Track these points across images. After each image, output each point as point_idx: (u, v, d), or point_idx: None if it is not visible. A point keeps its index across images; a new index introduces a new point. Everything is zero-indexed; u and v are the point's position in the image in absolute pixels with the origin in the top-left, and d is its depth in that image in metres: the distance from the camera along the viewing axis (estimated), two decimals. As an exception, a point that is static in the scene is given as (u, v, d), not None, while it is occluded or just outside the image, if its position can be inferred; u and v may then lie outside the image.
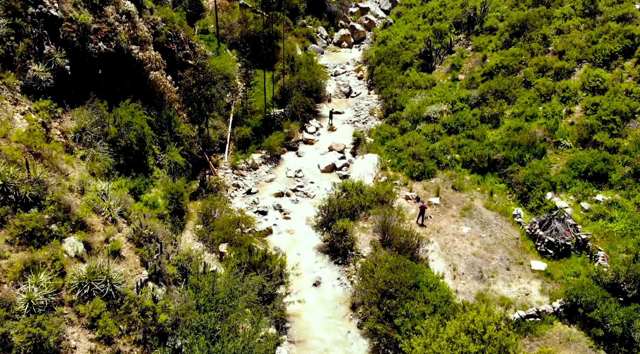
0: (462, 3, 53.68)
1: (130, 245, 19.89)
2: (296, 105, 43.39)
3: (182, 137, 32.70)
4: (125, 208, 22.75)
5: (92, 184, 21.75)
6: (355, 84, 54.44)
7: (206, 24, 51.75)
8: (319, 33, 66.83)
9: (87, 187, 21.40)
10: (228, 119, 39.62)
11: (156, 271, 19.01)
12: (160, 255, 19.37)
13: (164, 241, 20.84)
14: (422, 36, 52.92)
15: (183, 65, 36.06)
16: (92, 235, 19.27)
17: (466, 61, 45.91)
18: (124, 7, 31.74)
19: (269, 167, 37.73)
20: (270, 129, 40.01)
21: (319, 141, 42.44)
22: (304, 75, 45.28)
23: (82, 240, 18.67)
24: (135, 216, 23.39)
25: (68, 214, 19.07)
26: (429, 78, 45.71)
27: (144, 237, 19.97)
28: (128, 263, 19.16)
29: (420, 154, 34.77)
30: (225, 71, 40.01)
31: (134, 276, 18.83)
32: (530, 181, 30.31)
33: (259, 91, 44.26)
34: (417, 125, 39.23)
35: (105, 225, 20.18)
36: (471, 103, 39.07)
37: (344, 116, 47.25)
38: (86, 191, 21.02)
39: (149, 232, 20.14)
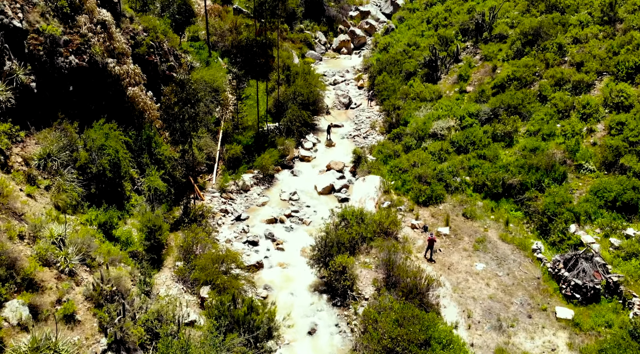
0: (469, 8, 50.58)
1: (89, 305, 16.74)
2: (292, 119, 40.25)
3: (163, 160, 29.54)
4: (88, 253, 19.61)
5: (47, 228, 18.58)
6: (355, 94, 51.31)
7: (197, 31, 48.64)
8: (317, 38, 63.74)
9: (41, 232, 18.23)
10: (217, 135, 36.46)
11: (117, 339, 15.85)
12: (123, 318, 16.22)
13: (130, 297, 17.67)
14: (427, 43, 49.79)
15: (167, 79, 32.92)
16: (42, 295, 16.11)
17: (474, 71, 42.78)
18: (99, 17, 28.62)
19: (261, 189, 34.57)
20: (263, 146, 36.86)
21: (316, 158, 39.29)
22: (300, 86, 42.15)
23: (27, 303, 15.53)
24: (100, 260, 20.25)
25: (12, 271, 15.91)
26: (434, 89, 42.56)
27: (104, 295, 16.82)
28: (84, 329, 15.99)
29: (427, 176, 31.64)
30: (215, 83, 36.96)
31: (90, 346, 15.68)
32: (550, 210, 27.17)
33: (251, 103, 41.12)
34: (422, 142, 36.09)
35: (59, 280, 17.03)
36: (481, 119, 35.93)
37: (344, 130, 44.11)
38: (38, 239, 17.86)
39: (110, 289, 16.98)
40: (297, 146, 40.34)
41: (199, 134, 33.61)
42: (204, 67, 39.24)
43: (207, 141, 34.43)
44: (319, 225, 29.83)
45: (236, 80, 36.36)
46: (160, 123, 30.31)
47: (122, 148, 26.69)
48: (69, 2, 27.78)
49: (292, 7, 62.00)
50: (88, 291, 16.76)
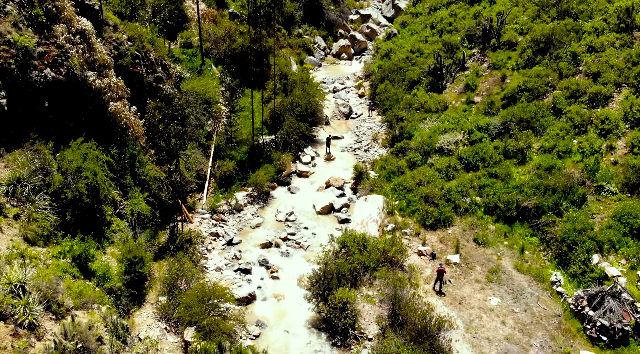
0: (475, 13, 48.29)
1: (48, 367, 14.42)
2: (289, 131, 37.93)
3: (148, 180, 27.21)
4: (55, 298, 17.29)
5: (4, 273, 16.26)
6: (356, 103, 48.99)
7: (190, 37, 46.30)
8: (316, 43, 61.44)
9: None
10: (209, 150, 34.13)
11: (80, 411, 13.55)
12: (87, 384, 13.92)
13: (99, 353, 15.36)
14: (431, 50, 47.48)
15: (154, 91, 30.62)
16: (-9, 358, 13.80)
17: (482, 80, 40.47)
18: (78, 26, 26.33)
19: (255, 208, 32.23)
20: (258, 161, 34.53)
21: (314, 173, 36.96)
22: (298, 96, 39.81)
23: (-28, 370, 13.23)
24: (70, 303, 17.95)
25: (-45, 331, 13.61)
26: (439, 99, 40.26)
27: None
28: (40, 399, 13.68)
29: (434, 196, 29.32)
30: (207, 95, 34.65)
31: None
32: (570, 238, 24.85)
33: (246, 113, 38.78)
34: (428, 158, 33.77)
35: (15, 337, 14.71)
36: (491, 133, 33.62)
37: (344, 142, 41.79)
38: (-9, 288, 15.56)
39: (74, 347, 14.67)
40: (295, 160, 38.03)
41: (188, 150, 31.32)
42: (196, 77, 36.90)
43: (197, 157, 32.10)
44: (317, 251, 27.58)
45: (229, 91, 34.02)
46: (146, 140, 27.99)
47: (101, 170, 24.36)
48: (45, 10, 25.50)
49: (290, 11, 59.77)
50: (48, 351, 14.45)
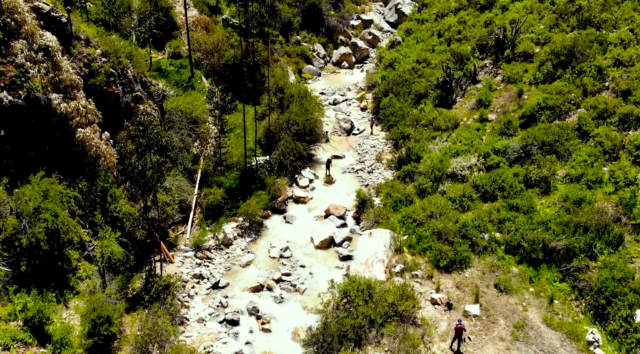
0: (486, 20, 44.89)
1: None
2: (285, 152, 34.50)
3: (121, 217, 23.78)
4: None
5: None
6: (358, 117, 45.58)
7: (179, 46, 42.93)
8: (315, 51, 58.05)
9: None
10: (195, 175, 30.72)
11: None
12: None
13: None
14: (439, 60, 44.10)
15: (132, 112, 27.20)
16: None
17: (496, 95, 37.06)
18: (41, 41, 22.92)
19: (246, 242, 28.80)
20: (250, 188, 31.10)
21: (313, 198, 33.53)
22: (295, 113, 36.37)
23: None
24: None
25: None
26: (450, 116, 36.83)
27: None
28: None
29: (448, 232, 25.90)
30: (194, 113, 31.24)
31: None
32: (608, 289, 21.45)
33: (239, 131, 35.39)
34: (439, 184, 30.35)
35: None
36: (510, 157, 30.20)
37: (345, 162, 38.36)
38: None
39: None
40: (291, 183, 34.63)
41: (170, 178, 27.92)
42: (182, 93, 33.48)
43: (181, 185, 28.68)
44: (315, 295, 24.20)
45: (219, 109, 30.57)
46: (118, 172, 24.55)
47: (66, 208, 20.94)
48: (2, 24, 22.10)
49: (288, 16, 56.49)
50: None
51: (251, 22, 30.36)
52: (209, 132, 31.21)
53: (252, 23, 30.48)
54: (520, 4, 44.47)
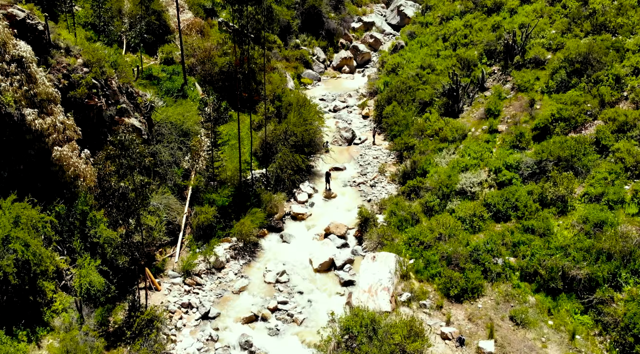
0: (494, 24, 42.88)
1: None
2: (282, 165, 32.50)
3: (103, 243, 21.77)
4: None
5: None
6: (360, 125, 43.57)
7: (171, 52, 40.94)
8: (315, 55, 56.06)
9: None
10: (186, 192, 28.71)
11: None
12: None
13: None
14: (444, 66, 42.11)
15: (116, 126, 25.19)
16: None
17: (506, 105, 35.05)
18: (15, 52, 20.89)
19: (240, 265, 26.79)
20: (245, 205, 29.09)
21: (312, 215, 31.52)
22: (293, 124, 34.34)
23: None
24: None
25: None
26: (457, 126, 34.81)
27: None
28: None
29: (459, 257, 23.90)
30: (185, 125, 29.25)
31: None
32: (637, 325, 19.45)
33: (233, 142, 33.39)
34: (447, 202, 28.33)
35: None
36: (523, 173, 28.18)
37: (346, 174, 36.34)
38: None
39: None
40: (289, 198, 32.62)
41: (157, 197, 25.94)
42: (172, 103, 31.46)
43: (170, 203, 26.66)
44: (314, 325, 22.25)
45: (212, 121, 28.53)
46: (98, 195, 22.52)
47: (33, 240, 18.92)
48: (-31, 31, 20.11)
49: (287, 19, 54.53)
50: None
51: (246, 28, 28.37)
52: (201, 146, 29.19)
53: (247, 29, 28.49)
54: (530, 7, 42.46)
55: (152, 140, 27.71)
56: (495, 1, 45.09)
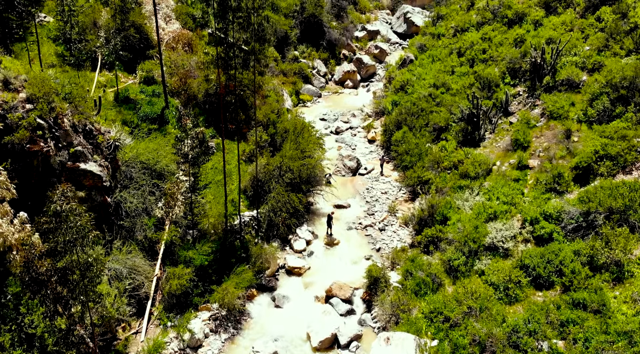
0: (516, 38, 38.05)
1: None
2: (276, 207, 27.70)
3: (41, 334, 16.94)
4: None
5: None
6: (365, 152, 38.75)
7: (152, 70, 36.17)
8: (315, 69, 51.29)
9: None
10: (158, 246, 23.84)
11: None
12: None
13: None
14: (461, 85, 37.32)
15: (72, 174, 20.39)
16: None
17: (536, 134, 30.24)
18: None
19: (221, 342, 21.89)
20: (230, 262, 24.25)
21: (310, 268, 26.69)
22: (289, 157, 29.50)
23: None
24: None
25: None
26: (479, 160, 29.98)
27: None
28: None
29: (494, 341, 19.08)
30: (158, 164, 24.44)
31: None
32: None
33: (219, 178, 28.67)
34: (475, 260, 23.49)
35: None
36: (566, 226, 23.35)
37: (350, 212, 31.49)
38: None
39: None
40: (284, 246, 27.83)
41: (122, 256, 21.14)
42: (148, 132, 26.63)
43: (137, 263, 21.84)
44: None
45: (189, 163, 23.65)
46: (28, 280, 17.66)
47: None
48: None
49: (285, 29, 49.82)
50: None
51: (230, 52, 23.61)
52: (178, 188, 24.34)
53: (232, 52, 23.73)
54: (557, 19, 37.62)
55: (116, 187, 22.90)
56: (516, 12, 40.26)
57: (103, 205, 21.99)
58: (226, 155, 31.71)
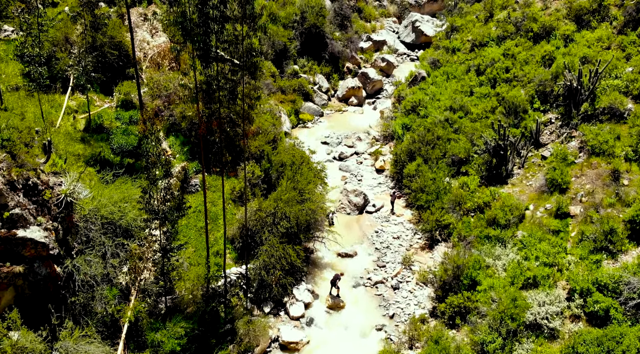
0: (544, 56, 33.51)
1: None
2: (268, 264, 23.20)
3: None
4: None
5: None
6: (373, 183, 34.21)
7: (130, 92, 31.80)
8: (316, 84, 46.81)
9: None
10: (120, 322, 19.34)
11: None
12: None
13: None
14: (482, 109, 32.85)
15: (6, 246, 15.92)
16: None
17: (575, 172, 25.72)
18: None
19: None
20: (209, 344, 19.71)
21: (309, 343, 22.11)
22: (285, 201, 24.94)
23: None
24: None
25: None
26: (510, 203, 25.38)
27: None
28: None
29: None
30: (124, 219, 20.02)
31: None
32: None
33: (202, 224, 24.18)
34: (513, 342, 18.95)
35: None
36: (627, 301, 18.82)
37: (357, 264, 26.92)
38: None
39: None
40: (278, 310, 23.33)
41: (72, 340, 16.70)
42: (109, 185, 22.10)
43: (92, 351, 17.34)
44: None
45: (161, 220, 19.17)
46: None
47: None
48: None
49: (283, 41, 45.45)
50: None
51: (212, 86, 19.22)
52: (148, 247, 19.88)
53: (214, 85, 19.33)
54: (591, 35, 33.09)
55: (69, 252, 18.44)
56: (543, 25, 35.74)
57: (50, 278, 17.55)
58: (213, 194, 27.40)
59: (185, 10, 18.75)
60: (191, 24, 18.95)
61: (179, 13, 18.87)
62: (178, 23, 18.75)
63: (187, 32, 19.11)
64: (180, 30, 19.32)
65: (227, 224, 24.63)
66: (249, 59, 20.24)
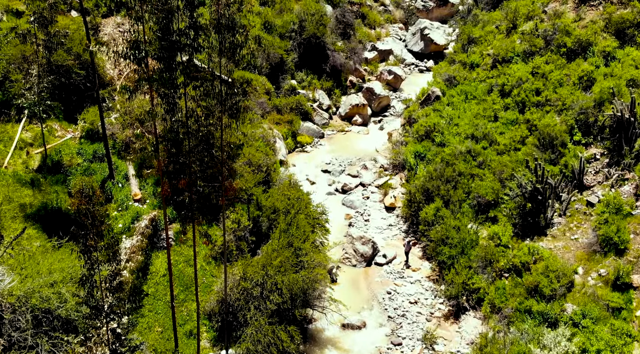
0: (581, 76, 28.67)
1: None
2: (254, 352, 18.35)
3: None
4: None
5: None
6: (382, 224, 29.32)
7: (94, 121, 26.97)
8: (316, 101, 41.98)
9: None
10: None
11: None
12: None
13: None
14: (510, 138, 28.03)
15: None
16: None
17: (634, 228, 20.87)
18: None
19: None
20: None
21: None
22: (276, 268, 20.04)
23: None
24: None
25: None
26: (555, 267, 20.51)
27: None
28: None
29: None
30: (63, 307, 15.16)
31: None
32: None
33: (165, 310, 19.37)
34: None
35: None
36: None
37: (366, 337, 21.94)
38: None
39: None
40: (269, 409, 18.51)
41: None
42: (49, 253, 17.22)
43: None
44: None
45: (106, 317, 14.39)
46: None
47: None
48: None
49: (280, 54, 40.65)
50: None
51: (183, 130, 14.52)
52: (92, 350, 15.03)
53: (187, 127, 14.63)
54: (637, 53, 28.26)
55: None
56: (578, 39, 30.84)
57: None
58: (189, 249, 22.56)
59: (139, 40, 13.98)
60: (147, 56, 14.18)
61: (131, 43, 14.09)
62: (129, 57, 13.95)
63: (142, 67, 14.33)
64: (135, 63, 14.55)
65: (205, 293, 19.89)
66: (230, 98, 15.54)
